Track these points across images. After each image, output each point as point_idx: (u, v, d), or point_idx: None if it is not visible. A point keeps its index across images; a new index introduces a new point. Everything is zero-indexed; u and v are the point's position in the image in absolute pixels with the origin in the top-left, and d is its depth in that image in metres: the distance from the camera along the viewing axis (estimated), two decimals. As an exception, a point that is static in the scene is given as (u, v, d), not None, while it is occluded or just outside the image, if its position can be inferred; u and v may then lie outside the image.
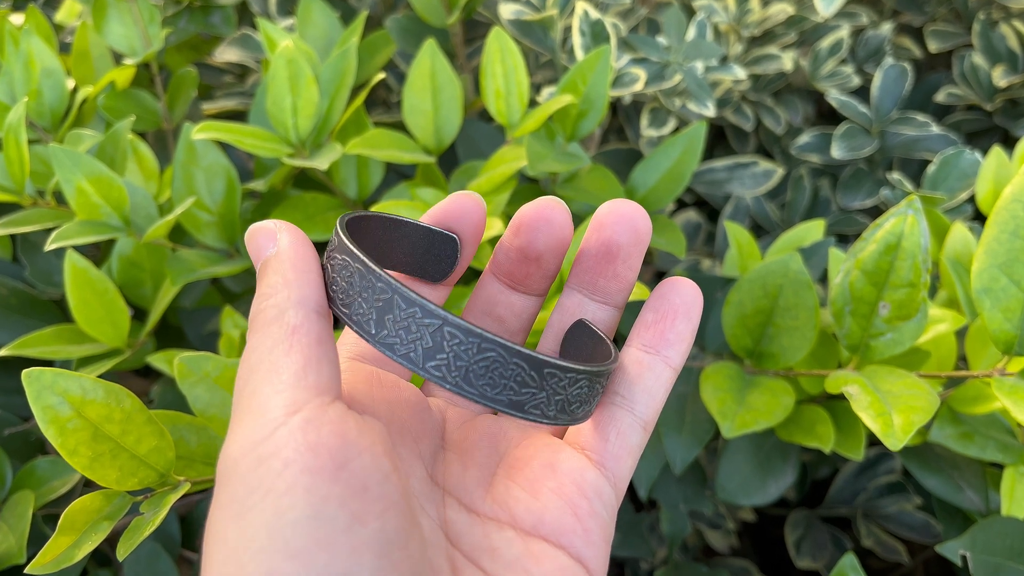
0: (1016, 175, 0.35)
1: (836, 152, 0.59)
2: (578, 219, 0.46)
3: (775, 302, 0.42)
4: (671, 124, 0.57)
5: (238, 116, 0.63)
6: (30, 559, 0.32)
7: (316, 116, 0.46)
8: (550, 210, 0.26)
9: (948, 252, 0.45)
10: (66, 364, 0.47)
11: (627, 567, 0.59)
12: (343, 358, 0.27)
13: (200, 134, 0.43)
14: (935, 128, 0.60)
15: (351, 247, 0.23)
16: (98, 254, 0.55)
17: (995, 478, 0.44)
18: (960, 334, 0.45)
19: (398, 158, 0.46)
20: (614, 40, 0.52)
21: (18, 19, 0.56)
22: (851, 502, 0.58)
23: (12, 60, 0.48)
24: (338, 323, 0.49)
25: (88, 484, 0.43)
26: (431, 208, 0.27)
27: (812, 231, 0.51)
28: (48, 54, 0.50)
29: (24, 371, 0.29)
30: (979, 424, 0.42)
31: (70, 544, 0.30)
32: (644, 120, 0.57)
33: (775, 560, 0.64)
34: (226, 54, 0.62)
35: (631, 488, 0.60)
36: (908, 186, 0.56)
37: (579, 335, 0.27)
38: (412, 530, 0.21)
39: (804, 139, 0.63)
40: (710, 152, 0.69)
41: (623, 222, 0.26)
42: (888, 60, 0.62)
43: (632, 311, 0.45)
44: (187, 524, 0.48)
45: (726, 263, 0.52)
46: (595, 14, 0.52)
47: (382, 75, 0.50)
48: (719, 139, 0.70)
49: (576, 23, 0.52)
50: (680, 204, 0.68)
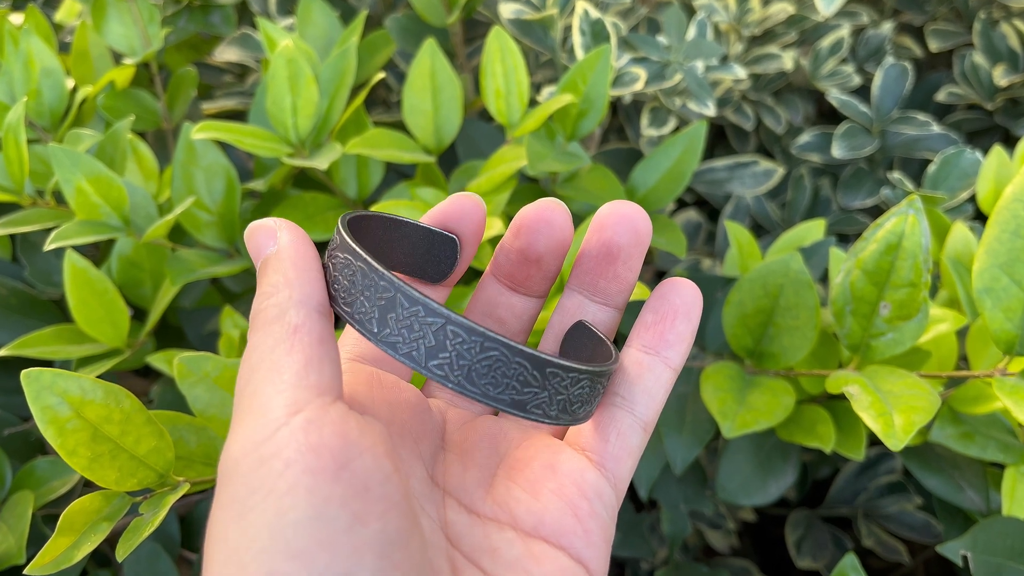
0: (1017, 174, 0.35)
1: (837, 151, 0.59)
2: (578, 219, 0.46)
3: (776, 302, 0.42)
4: (671, 123, 0.57)
5: (238, 116, 0.63)
6: (30, 559, 0.32)
7: (316, 116, 0.46)
8: (550, 212, 0.26)
9: (949, 252, 0.45)
10: (66, 364, 0.46)
11: (628, 567, 0.59)
12: (343, 359, 0.27)
13: (200, 134, 0.43)
14: (936, 127, 0.60)
15: (353, 246, 0.23)
16: (97, 254, 0.55)
17: (996, 478, 0.44)
18: (961, 334, 0.45)
19: (398, 158, 0.46)
20: (614, 39, 0.52)
21: (18, 19, 0.55)
22: (852, 502, 0.58)
23: (12, 60, 0.48)
24: (337, 323, 0.49)
25: (88, 484, 0.43)
26: (431, 209, 0.27)
27: (813, 231, 0.51)
28: (48, 54, 0.50)
29: (23, 371, 0.29)
30: (980, 424, 0.42)
31: (69, 545, 0.30)
32: (644, 119, 0.57)
33: (776, 560, 0.64)
34: (226, 54, 0.62)
35: (631, 488, 0.60)
36: (909, 185, 0.56)
37: (579, 336, 0.27)
38: (413, 530, 0.21)
39: (805, 138, 0.63)
40: (710, 151, 0.69)
41: (623, 223, 0.26)
42: (889, 59, 0.62)
43: (632, 311, 0.45)
44: (187, 524, 0.48)
45: (726, 263, 0.52)
46: (595, 13, 0.52)
47: (382, 75, 0.49)
48: (719, 138, 0.70)
49: (576, 22, 0.52)
50: (680, 204, 0.68)
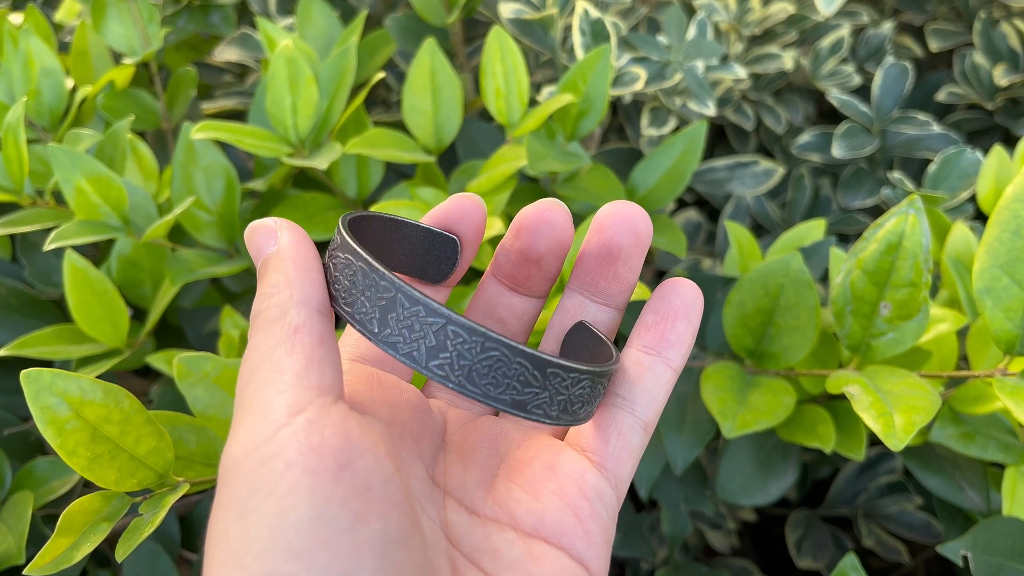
0: (1017, 174, 0.35)
1: (837, 151, 0.59)
2: (578, 219, 0.46)
3: (776, 302, 0.42)
4: (671, 123, 0.57)
5: (237, 115, 0.63)
6: (29, 560, 0.32)
7: (316, 115, 0.46)
8: (550, 212, 0.26)
9: (949, 252, 0.45)
10: (65, 364, 0.46)
11: (628, 567, 0.59)
12: (343, 359, 0.27)
13: (199, 134, 0.43)
14: (936, 127, 0.60)
15: (354, 246, 0.23)
16: (97, 254, 0.55)
17: (996, 478, 0.44)
18: (961, 334, 0.45)
19: (398, 158, 0.46)
20: (614, 39, 0.52)
21: (17, 18, 0.55)
22: (852, 502, 0.58)
23: (11, 60, 0.48)
24: (337, 324, 0.49)
25: (87, 485, 0.43)
26: (431, 210, 0.27)
27: (813, 230, 0.51)
28: (47, 53, 0.50)
29: (23, 372, 0.29)
30: (980, 424, 0.42)
31: (69, 545, 0.30)
32: (644, 119, 0.57)
33: (776, 560, 0.64)
34: (225, 53, 0.62)
35: (632, 488, 0.60)
36: (909, 185, 0.56)
37: (579, 337, 0.27)
38: (414, 531, 0.21)
39: (805, 138, 0.63)
40: (710, 151, 0.69)
41: (624, 224, 0.26)
42: (889, 59, 0.62)
43: (633, 312, 0.45)
44: (187, 524, 0.48)
45: (727, 263, 0.52)
46: (595, 13, 0.52)
47: (382, 74, 0.49)
48: (719, 138, 0.70)
49: (576, 22, 0.52)
50: (680, 203, 0.68)
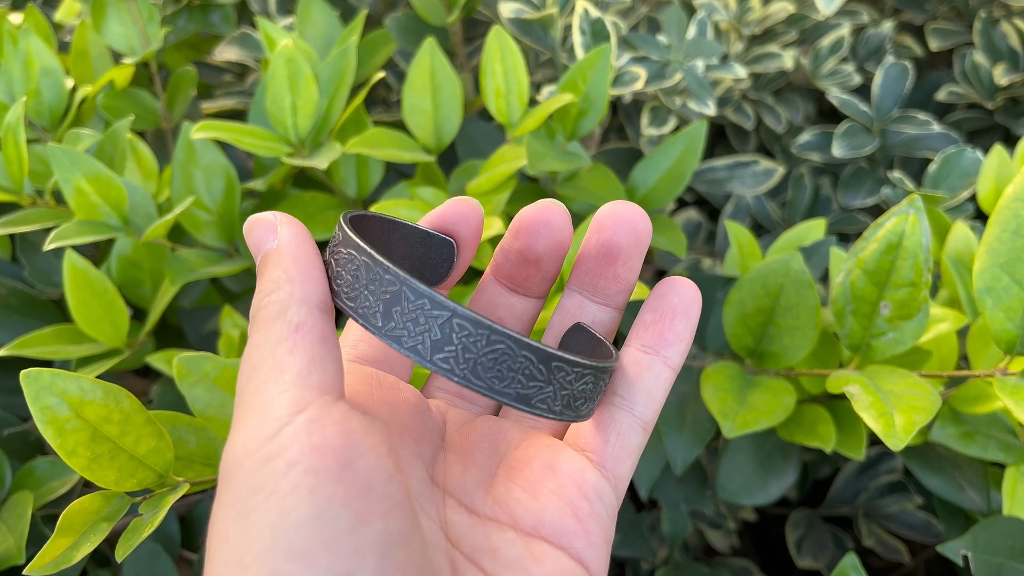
0: (1017, 174, 0.35)
1: (837, 151, 0.59)
2: (578, 219, 0.46)
3: (776, 301, 0.42)
4: (671, 123, 0.56)
5: (237, 115, 0.63)
6: (29, 560, 0.32)
7: (315, 115, 0.46)
8: (549, 213, 0.26)
9: (949, 251, 0.45)
10: (65, 364, 0.46)
11: (628, 567, 0.59)
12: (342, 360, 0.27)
13: (199, 133, 0.43)
14: (936, 127, 0.60)
15: (358, 241, 0.23)
16: (97, 254, 0.55)
17: (997, 478, 0.44)
18: (961, 334, 0.45)
19: (398, 157, 0.46)
20: (614, 39, 0.52)
21: (17, 18, 0.55)
22: (852, 502, 0.58)
23: (11, 59, 0.48)
24: (337, 321, 0.49)
25: (87, 485, 0.43)
26: (429, 213, 0.27)
27: (813, 230, 0.51)
28: (47, 53, 0.50)
29: (22, 372, 0.29)
30: (980, 424, 0.42)
31: (69, 545, 0.30)
32: (644, 119, 0.57)
33: (776, 560, 0.64)
34: (225, 53, 0.62)
35: (632, 488, 0.60)
36: (909, 185, 0.56)
37: (577, 338, 0.27)
38: (414, 530, 0.21)
39: (805, 138, 0.63)
40: (711, 151, 0.69)
41: (623, 224, 0.26)
42: (889, 58, 0.62)
43: (632, 311, 0.45)
44: (186, 524, 0.48)
45: (727, 262, 0.52)
46: (595, 12, 0.52)
47: (382, 74, 0.49)
48: (720, 138, 0.70)
49: (576, 21, 0.52)
50: (680, 203, 0.68)
